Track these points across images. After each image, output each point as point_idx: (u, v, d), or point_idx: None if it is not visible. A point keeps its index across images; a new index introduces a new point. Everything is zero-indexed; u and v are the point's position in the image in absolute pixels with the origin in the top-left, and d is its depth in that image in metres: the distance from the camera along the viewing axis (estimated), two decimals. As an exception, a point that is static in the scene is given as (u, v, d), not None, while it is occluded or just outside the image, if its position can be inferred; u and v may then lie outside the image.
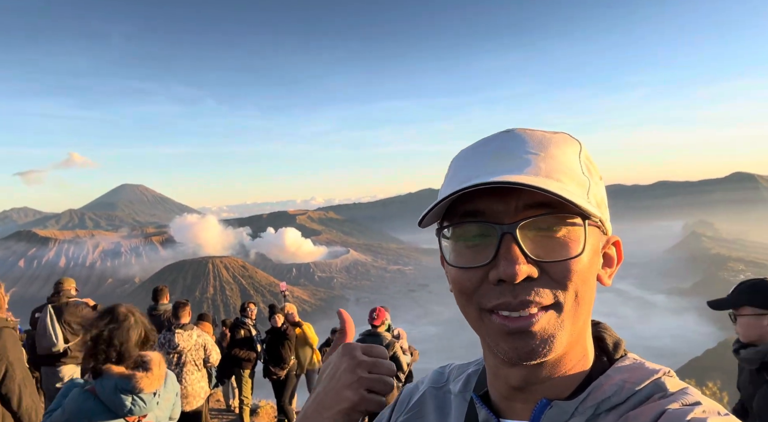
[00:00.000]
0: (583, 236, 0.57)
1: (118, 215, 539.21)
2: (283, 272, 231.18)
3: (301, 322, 6.70)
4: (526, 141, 0.61)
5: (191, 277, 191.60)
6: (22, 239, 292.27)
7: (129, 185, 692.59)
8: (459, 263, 0.60)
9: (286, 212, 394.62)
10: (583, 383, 0.62)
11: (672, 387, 0.59)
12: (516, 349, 0.57)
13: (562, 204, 0.56)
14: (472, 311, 0.61)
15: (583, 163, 0.62)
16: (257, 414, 7.27)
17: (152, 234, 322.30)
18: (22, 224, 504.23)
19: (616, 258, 0.66)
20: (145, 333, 2.18)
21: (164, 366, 2.22)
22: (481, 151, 0.63)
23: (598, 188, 0.62)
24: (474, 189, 0.57)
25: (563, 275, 0.57)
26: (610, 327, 0.70)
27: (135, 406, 2.06)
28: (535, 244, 0.57)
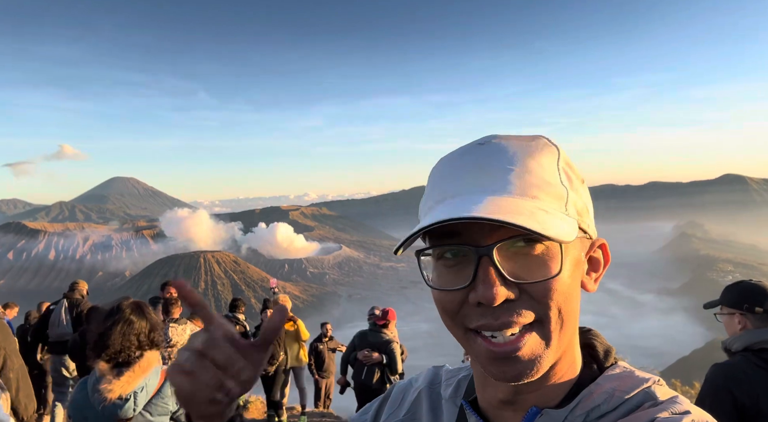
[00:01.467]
0: (560, 255, 0.57)
1: (109, 208, 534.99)
2: (275, 268, 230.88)
3: (294, 317, 6.74)
4: (502, 155, 0.60)
5: (182, 271, 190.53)
6: (11, 231, 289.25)
7: (120, 178, 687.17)
8: (439, 285, 0.60)
9: (279, 207, 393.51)
10: (572, 391, 0.63)
11: (662, 395, 0.59)
12: (504, 372, 0.57)
13: None
14: (458, 331, 0.61)
15: (562, 170, 0.61)
16: (246, 409, 7.31)
17: (143, 228, 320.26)
18: (12, 216, 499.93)
19: (603, 261, 0.66)
20: (148, 331, 2.15)
21: (147, 369, 2.13)
22: (456, 165, 0.63)
23: (578, 195, 0.61)
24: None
25: (544, 295, 0.56)
26: (600, 334, 0.70)
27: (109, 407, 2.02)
28: (513, 264, 0.56)
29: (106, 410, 2.03)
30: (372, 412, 0.81)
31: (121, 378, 2.04)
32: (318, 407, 8.15)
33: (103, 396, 2.00)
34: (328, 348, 7.91)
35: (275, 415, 6.38)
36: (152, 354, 2.17)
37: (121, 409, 2.04)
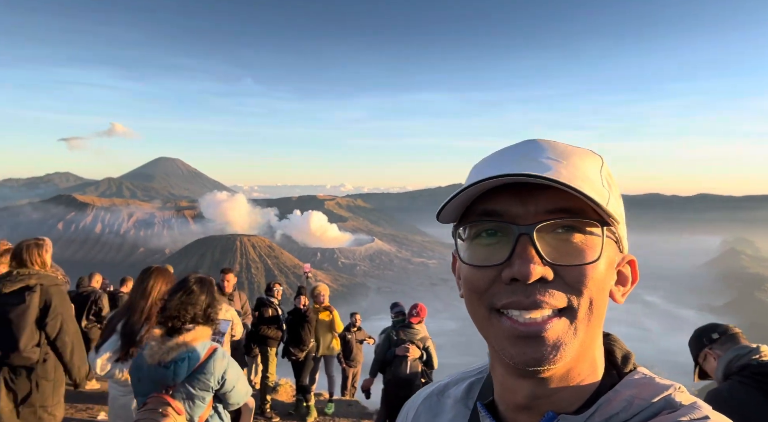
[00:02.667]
0: (600, 244, 0.57)
1: (153, 186, 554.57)
2: (308, 255, 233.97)
3: (331, 307, 6.84)
4: (549, 149, 0.61)
5: (219, 253, 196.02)
6: (62, 203, 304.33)
7: (166, 158, 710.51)
8: (473, 261, 0.60)
9: (315, 196, 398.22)
10: (591, 397, 0.61)
11: (682, 401, 0.58)
12: (524, 354, 0.56)
13: (581, 211, 0.56)
14: (481, 311, 0.60)
15: (604, 177, 0.61)
16: (276, 392, 7.50)
17: (184, 208, 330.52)
18: (63, 189, 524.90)
19: (631, 278, 0.65)
20: (205, 306, 2.24)
21: (192, 342, 2.21)
22: (502, 156, 0.63)
23: (617, 204, 0.61)
24: (494, 188, 0.58)
25: (578, 280, 0.56)
26: (619, 339, 0.68)
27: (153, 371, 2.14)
28: (551, 247, 0.57)
29: (151, 373, 2.15)
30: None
31: (163, 346, 2.13)
32: (345, 395, 8.28)
33: (146, 360, 2.14)
34: (356, 339, 8.00)
35: (303, 400, 6.52)
36: (203, 330, 2.25)
37: (162, 375, 2.13)
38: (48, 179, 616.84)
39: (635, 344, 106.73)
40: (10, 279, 3.03)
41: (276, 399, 7.10)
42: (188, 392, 2.17)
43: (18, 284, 3.01)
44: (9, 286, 3.00)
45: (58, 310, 3.06)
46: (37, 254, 3.15)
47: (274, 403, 6.67)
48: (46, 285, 3.08)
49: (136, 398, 2.29)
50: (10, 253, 3.32)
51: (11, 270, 3.10)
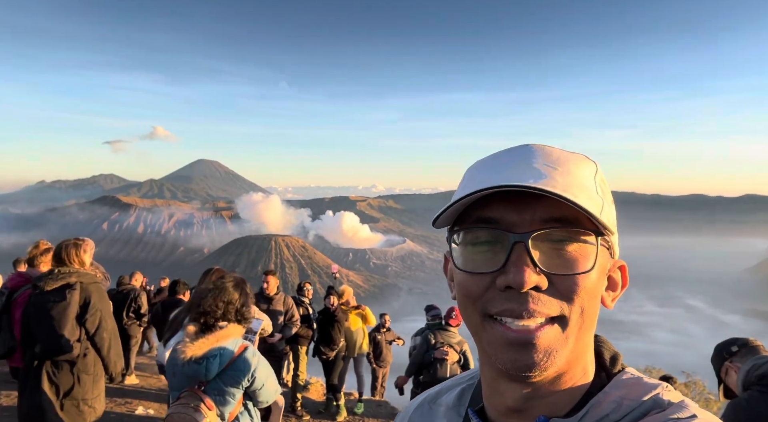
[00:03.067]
0: (595, 254, 0.57)
1: (192, 188, 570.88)
2: (340, 256, 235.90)
3: (362, 306, 6.90)
4: (544, 156, 0.61)
5: (255, 252, 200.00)
6: (106, 204, 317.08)
7: (205, 161, 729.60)
8: (467, 268, 0.60)
9: (347, 197, 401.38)
10: (582, 400, 0.62)
11: (670, 401, 0.58)
12: (516, 361, 0.57)
13: (576, 220, 0.56)
14: (474, 317, 0.60)
15: (598, 184, 0.62)
16: (307, 390, 7.59)
17: (222, 208, 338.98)
18: (108, 190, 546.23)
19: (621, 283, 0.66)
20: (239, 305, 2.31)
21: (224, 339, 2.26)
22: (498, 161, 0.63)
23: (610, 211, 0.62)
24: (490, 195, 0.57)
25: (571, 290, 0.57)
26: (606, 340, 0.69)
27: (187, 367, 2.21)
28: (546, 256, 0.57)
29: (184, 368, 2.22)
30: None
31: (196, 342, 2.19)
32: (375, 395, 8.31)
33: (179, 356, 2.19)
34: (386, 340, 8.01)
35: (333, 399, 6.58)
36: (234, 328, 2.30)
37: (195, 371, 2.20)
38: (93, 181, 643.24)
39: (677, 350, 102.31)
40: (51, 277, 3.16)
41: (307, 398, 7.19)
42: (219, 388, 2.23)
43: (59, 282, 3.14)
44: (51, 284, 3.12)
45: (96, 307, 3.20)
46: (75, 254, 3.27)
47: (304, 401, 6.76)
48: (86, 283, 3.22)
49: (171, 392, 2.36)
50: (51, 252, 3.47)
51: (53, 269, 3.24)
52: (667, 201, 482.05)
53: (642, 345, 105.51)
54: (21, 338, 3.26)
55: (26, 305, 3.23)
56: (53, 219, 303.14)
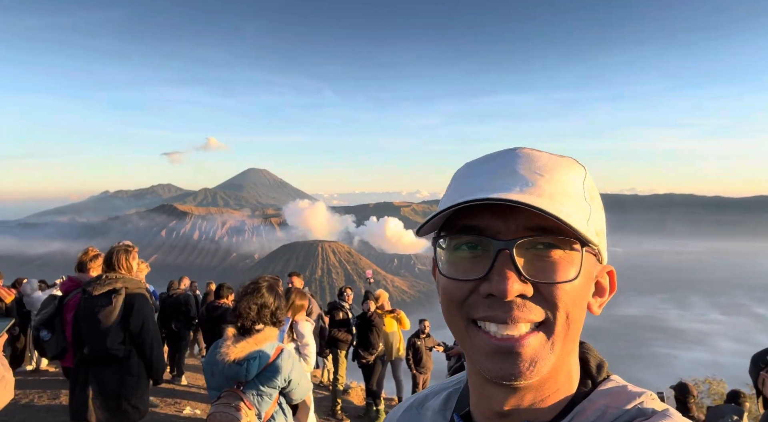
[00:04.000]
0: (580, 261, 0.57)
1: (244, 196, 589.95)
2: (385, 261, 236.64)
3: (395, 310, 6.91)
4: (532, 161, 0.61)
5: (302, 258, 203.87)
6: (164, 212, 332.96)
7: (255, 169, 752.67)
8: (451, 274, 0.60)
9: (392, 203, 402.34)
10: (567, 407, 0.62)
11: (654, 409, 0.58)
12: (501, 369, 0.57)
13: (561, 229, 0.56)
14: (459, 323, 0.60)
15: (587, 190, 0.62)
16: (348, 394, 7.66)
17: (271, 216, 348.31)
18: (166, 199, 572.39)
19: (609, 288, 0.65)
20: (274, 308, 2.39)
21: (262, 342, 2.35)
22: (484, 167, 0.63)
23: (598, 216, 0.62)
24: (475, 204, 0.57)
25: (555, 297, 0.56)
26: (593, 348, 0.69)
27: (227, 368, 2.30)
28: (530, 264, 0.57)
29: (225, 370, 2.31)
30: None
31: (237, 345, 2.29)
32: (414, 401, 8.25)
33: (222, 358, 2.29)
34: (425, 346, 7.96)
35: (373, 404, 6.60)
36: (271, 330, 2.40)
37: (236, 372, 2.30)
38: (152, 191, 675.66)
39: (744, 361, 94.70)
40: (99, 283, 3.38)
41: (347, 401, 7.25)
42: (257, 388, 2.33)
43: (106, 287, 3.35)
44: (98, 289, 3.34)
45: (140, 311, 3.39)
46: (125, 259, 3.49)
47: (345, 405, 6.82)
48: (131, 288, 3.42)
49: (209, 391, 2.47)
50: (100, 258, 3.72)
51: (101, 274, 3.49)
52: (730, 203, 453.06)
53: (706, 355, 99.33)
54: (71, 340, 3.49)
55: (77, 308, 3.45)
56: (116, 227, 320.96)
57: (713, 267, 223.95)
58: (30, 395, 5.96)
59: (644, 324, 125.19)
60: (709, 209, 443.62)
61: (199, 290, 10.14)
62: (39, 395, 5.99)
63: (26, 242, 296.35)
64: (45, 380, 6.93)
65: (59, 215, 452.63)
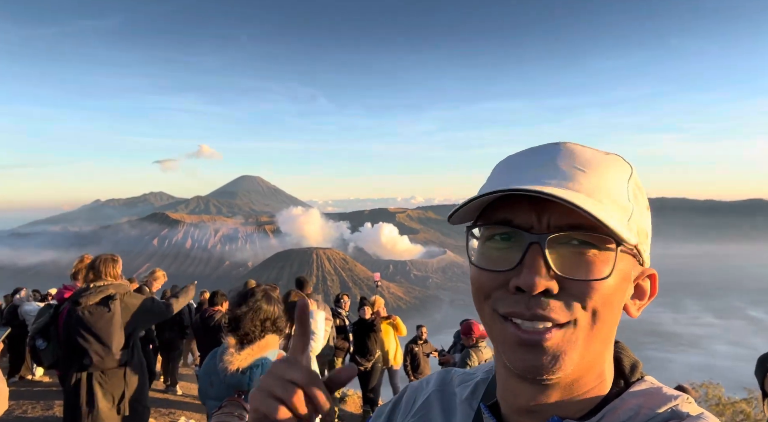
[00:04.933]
0: (613, 261, 0.56)
1: (237, 203, 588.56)
2: (380, 268, 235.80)
3: (391, 316, 6.89)
4: (575, 156, 0.60)
5: (297, 265, 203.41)
6: (156, 221, 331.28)
7: (248, 177, 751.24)
8: (482, 264, 0.60)
9: (387, 209, 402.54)
10: (597, 406, 0.60)
11: (689, 413, 0.57)
12: (524, 361, 0.56)
13: (596, 226, 0.54)
14: (487, 311, 0.60)
15: (631, 189, 0.60)
16: (345, 402, 7.60)
17: (265, 223, 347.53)
18: (158, 207, 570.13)
19: (649, 292, 0.63)
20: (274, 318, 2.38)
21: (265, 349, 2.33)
22: (526, 160, 0.62)
23: (642, 218, 0.60)
24: (510, 196, 0.57)
25: (583, 294, 0.55)
26: (627, 348, 0.67)
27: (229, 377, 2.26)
28: (562, 259, 0.56)
29: (227, 378, 2.27)
30: (385, 416, 0.80)
31: (242, 353, 2.26)
32: (412, 408, 8.20)
33: (225, 366, 2.25)
34: (423, 352, 7.94)
35: (370, 411, 6.56)
36: (272, 337, 2.39)
37: (239, 381, 2.27)
38: (144, 199, 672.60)
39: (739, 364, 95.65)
40: (90, 292, 3.37)
41: (344, 410, 7.20)
42: None
43: (100, 295, 3.37)
44: (92, 298, 3.34)
45: (134, 313, 3.48)
46: (112, 268, 3.51)
47: (341, 414, 6.77)
48: (121, 293, 3.45)
49: (207, 401, 2.43)
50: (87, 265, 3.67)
51: (88, 283, 3.47)
52: (722, 207, 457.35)
53: (701, 358, 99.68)
54: (64, 351, 3.44)
55: (67, 319, 3.40)
56: (107, 236, 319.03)
57: (707, 271, 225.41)
58: (23, 406, 5.87)
59: (639, 327, 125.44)
60: (701, 212, 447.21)
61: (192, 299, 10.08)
62: (32, 406, 5.89)
63: (18, 252, 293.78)
64: (38, 390, 6.83)
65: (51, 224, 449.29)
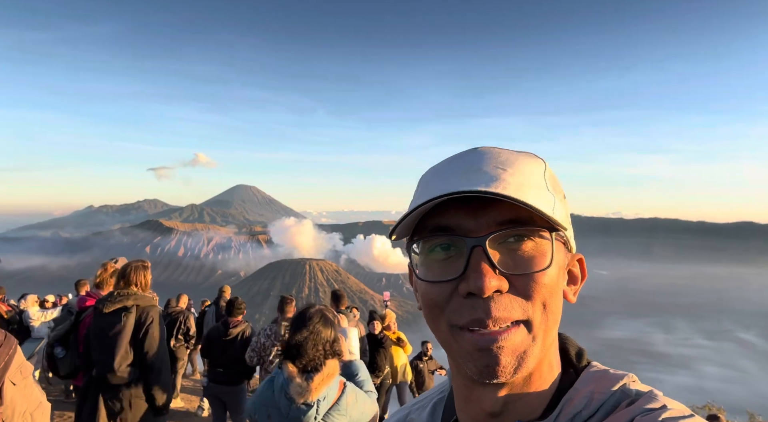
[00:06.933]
0: (551, 250, 0.58)
1: (231, 212, 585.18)
2: (373, 281, 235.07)
3: (399, 335, 6.83)
4: (494, 158, 0.62)
5: (289, 276, 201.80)
6: (149, 228, 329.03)
7: (243, 186, 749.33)
8: (428, 277, 0.60)
9: (381, 222, 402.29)
10: (553, 399, 0.62)
11: (639, 390, 0.59)
12: (487, 366, 0.57)
13: (530, 219, 0.57)
14: (442, 327, 0.60)
15: (548, 181, 0.63)
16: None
17: (258, 233, 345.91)
18: (152, 214, 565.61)
19: (580, 276, 0.67)
20: (333, 340, 2.21)
21: (331, 378, 2.17)
22: (449, 168, 0.63)
23: (562, 205, 0.63)
24: (444, 202, 0.59)
25: (531, 288, 0.57)
26: (570, 337, 0.70)
27: (294, 410, 2.09)
28: (504, 257, 0.57)
29: (292, 412, 2.09)
30: None
31: (311, 385, 2.09)
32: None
33: (292, 398, 2.08)
34: (428, 369, 7.89)
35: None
36: (333, 363, 2.20)
37: (304, 415, 2.10)
38: (138, 206, 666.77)
39: (729, 386, 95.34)
40: (110, 300, 3.16)
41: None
42: None
43: (117, 304, 3.13)
44: (109, 306, 3.13)
45: (150, 331, 3.16)
46: (142, 276, 3.29)
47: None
48: (142, 306, 3.18)
49: None
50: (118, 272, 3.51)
51: (113, 291, 3.27)
52: (714, 229, 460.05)
53: (691, 380, 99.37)
54: (82, 359, 3.31)
55: (89, 326, 3.26)
56: (98, 243, 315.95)
57: (698, 292, 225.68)
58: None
59: (630, 347, 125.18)
60: (693, 234, 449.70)
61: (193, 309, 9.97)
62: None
63: (6, 257, 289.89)
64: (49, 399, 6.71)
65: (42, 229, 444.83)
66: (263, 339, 4.56)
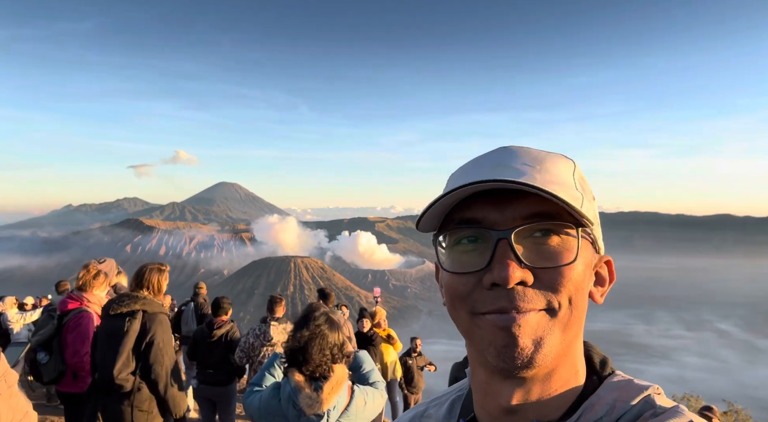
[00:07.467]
0: (577, 245, 0.58)
1: (213, 210, 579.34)
2: (359, 277, 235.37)
3: (390, 332, 6.79)
4: (522, 155, 0.63)
5: (274, 274, 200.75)
6: (130, 227, 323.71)
7: (226, 183, 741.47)
8: (454, 269, 0.61)
9: (366, 218, 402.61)
10: (575, 403, 0.62)
11: (662, 404, 0.58)
12: (506, 347, 0.57)
13: (557, 214, 0.58)
14: (463, 316, 0.61)
15: (577, 180, 0.63)
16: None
17: (241, 231, 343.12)
18: (132, 213, 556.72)
19: (608, 278, 0.67)
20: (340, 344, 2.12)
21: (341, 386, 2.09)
22: (476, 164, 0.65)
23: (591, 206, 0.62)
24: (472, 196, 0.60)
25: (556, 281, 0.57)
26: (594, 345, 0.69)
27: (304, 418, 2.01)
28: (529, 251, 0.58)
29: (302, 419, 2.02)
30: None
31: (321, 396, 2.01)
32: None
33: (302, 409, 2.00)
34: (417, 365, 7.86)
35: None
36: (341, 369, 2.12)
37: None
38: (118, 204, 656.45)
39: (709, 376, 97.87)
40: (118, 302, 2.99)
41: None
42: None
43: (123, 308, 2.96)
44: (115, 308, 2.97)
45: (155, 339, 2.97)
46: (156, 279, 3.15)
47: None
48: (149, 312, 3.01)
49: None
50: (102, 275, 3.43)
51: (123, 294, 3.09)
52: (693, 221, 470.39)
53: (672, 370, 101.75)
54: (90, 364, 3.13)
55: (97, 329, 3.13)
56: (78, 242, 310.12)
57: (678, 284, 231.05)
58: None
59: (612, 339, 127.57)
60: (673, 226, 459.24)
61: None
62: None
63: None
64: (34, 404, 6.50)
65: (19, 229, 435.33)
66: (252, 339, 4.48)
